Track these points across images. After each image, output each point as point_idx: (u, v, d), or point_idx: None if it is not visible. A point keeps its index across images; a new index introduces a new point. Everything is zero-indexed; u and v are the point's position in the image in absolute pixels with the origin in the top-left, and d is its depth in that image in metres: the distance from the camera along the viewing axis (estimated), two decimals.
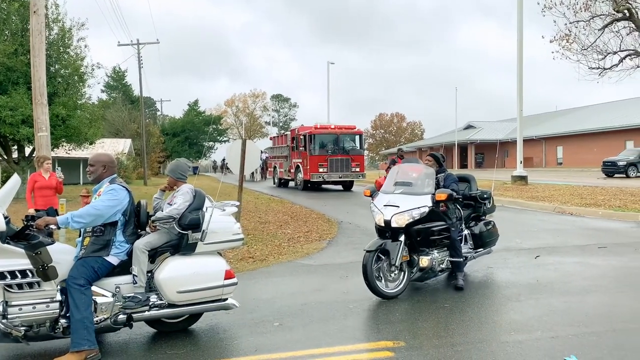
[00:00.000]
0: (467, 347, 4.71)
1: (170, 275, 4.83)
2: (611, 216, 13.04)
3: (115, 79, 64.96)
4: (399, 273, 6.36)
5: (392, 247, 6.29)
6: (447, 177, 7.01)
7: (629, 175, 28.26)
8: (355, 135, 25.14)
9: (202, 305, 5.02)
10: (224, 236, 5.20)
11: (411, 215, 6.32)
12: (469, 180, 7.89)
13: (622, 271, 7.66)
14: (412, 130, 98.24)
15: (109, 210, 4.65)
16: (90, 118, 24.15)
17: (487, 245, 7.58)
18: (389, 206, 6.45)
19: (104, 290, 4.66)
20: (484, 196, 7.54)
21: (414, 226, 6.35)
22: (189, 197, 5.20)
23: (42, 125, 11.37)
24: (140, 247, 4.75)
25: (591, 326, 5.19)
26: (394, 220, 6.31)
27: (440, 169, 7.13)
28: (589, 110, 53.68)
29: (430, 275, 6.71)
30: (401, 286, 6.36)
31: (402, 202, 6.43)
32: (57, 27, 22.71)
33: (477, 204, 7.53)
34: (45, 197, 9.32)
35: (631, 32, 20.79)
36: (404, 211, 6.33)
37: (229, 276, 5.10)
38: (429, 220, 6.48)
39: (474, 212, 7.55)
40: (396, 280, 6.36)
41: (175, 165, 5.53)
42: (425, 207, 6.40)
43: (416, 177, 6.86)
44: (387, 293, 6.24)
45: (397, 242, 6.31)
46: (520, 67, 23.64)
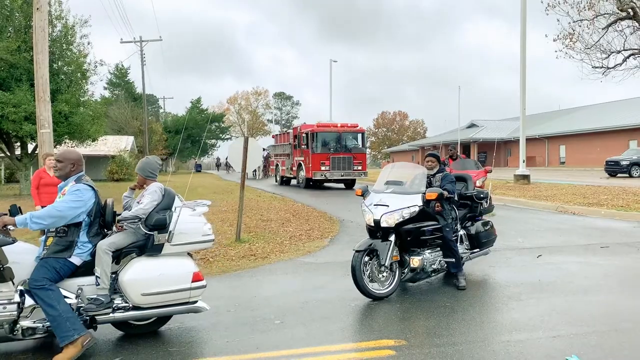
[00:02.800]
0: (469, 346, 4.71)
1: (135, 277, 4.69)
2: (614, 216, 13.01)
3: (118, 76, 65.07)
4: (389, 273, 6.29)
5: (381, 247, 6.22)
6: (444, 177, 6.93)
7: (632, 175, 28.19)
8: (358, 133, 25.16)
9: (169, 308, 4.87)
10: (192, 237, 5.04)
11: (401, 214, 6.25)
12: (465, 180, 7.85)
13: (624, 271, 7.65)
14: (415, 129, 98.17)
15: (72, 212, 4.52)
16: (93, 115, 24.17)
17: (484, 245, 7.48)
18: (379, 205, 6.38)
19: (67, 291, 4.53)
20: (481, 196, 7.46)
21: (404, 226, 6.29)
22: (157, 196, 5.04)
23: (45, 122, 11.39)
24: (103, 247, 4.59)
25: (593, 326, 5.18)
26: (383, 220, 6.24)
27: (440, 169, 7.08)
28: (592, 109, 53.55)
29: (422, 276, 6.62)
30: (391, 287, 6.28)
31: (392, 201, 6.36)
32: (60, 24, 22.73)
33: (474, 204, 7.45)
34: (50, 194, 9.32)
35: (635, 31, 20.73)
36: (394, 210, 6.26)
37: (196, 279, 4.95)
38: (419, 220, 6.41)
39: (470, 212, 7.46)
40: (386, 280, 6.29)
41: (144, 163, 5.34)
42: (415, 206, 6.33)
43: (406, 176, 6.84)
44: (377, 294, 6.16)
45: (387, 242, 6.24)
46: (523, 66, 23.58)
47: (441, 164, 7.16)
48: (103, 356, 4.63)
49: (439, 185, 6.77)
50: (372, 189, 6.85)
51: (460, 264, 6.77)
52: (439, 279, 7.16)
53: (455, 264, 6.70)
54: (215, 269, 8.26)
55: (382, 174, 7.17)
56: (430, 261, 6.51)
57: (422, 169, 6.90)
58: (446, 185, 6.73)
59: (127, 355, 4.64)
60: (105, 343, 4.95)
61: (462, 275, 6.77)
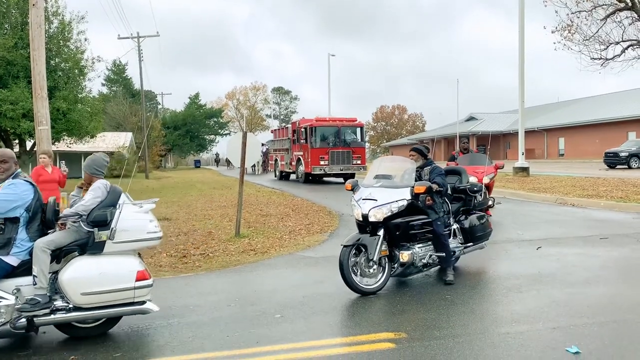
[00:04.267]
0: (468, 338, 4.72)
1: (74, 276, 4.56)
2: (613, 207, 13.01)
3: (115, 73, 64.96)
4: (378, 268, 6.21)
5: (369, 241, 6.14)
6: (432, 169, 6.80)
7: (631, 167, 28.20)
8: (357, 127, 25.11)
9: (114, 309, 4.72)
10: (136, 235, 4.87)
11: (389, 208, 6.17)
12: (459, 173, 7.74)
13: (623, 262, 7.66)
14: (414, 123, 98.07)
15: (5, 205, 4.45)
16: (91, 112, 24.07)
17: (478, 240, 7.31)
18: (368, 200, 6.30)
19: (3, 292, 4.42)
20: (474, 189, 7.33)
21: (392, 220, 6.20)
22: (100, 192, 4.90)
23: (43, 118, 11.35)
24: (40, 245, 4.47)
25: (592, 317, 5.19)
26: (371, 214, 6.17)
27: (426, 162, 6.92)
28: (590, 101, 53.51)
29: (413, 271, 6.53)
30: (380, 282, 6.20)
31: (381, 195, 6.28)
32: (57, 20, 22.60)
33: (468, 198, 7.32)
34: (49, 191, 9.30)
35: (634, 22, 20.65)
36: (382, 205, 6.18)
37: (141, 277, 4.77)
38: (409, 214, 6.32)
39: (463, 206, 7.33)
40: (375, 275, 6.20)
41: (91, 160, 5.24)
42: (403, 200, 6.24)
43: (396, 170, 6.72)
44: (365, 289, 6.07)
45: (376, 236, 6.16)
46: (521, 59, 23.53)
47: (427, 158, 6.97)
48: (108, 344, 4.63)
49: (428, 179, 6.65)
50: (361, 184, 6.76)
51: (450, 259, 6.65)
52: (439, 272, 7.15)
53: (446, 258, 6.58)
54: (215, 264, 8.26)
55: (372, 168, 7.09)
56: (420, 256, 6.40)
57: (412, 163, 6.79)
58: (435, 178, 6.62)
59: (128, 351, 4.64)
60: (107, 334, 4.95)
61: (451, 270, 6.67)
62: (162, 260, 8.57)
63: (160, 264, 8.29)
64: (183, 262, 8.47)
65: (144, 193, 22.49)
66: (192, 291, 6.67)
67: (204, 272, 7.80)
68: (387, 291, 6.32)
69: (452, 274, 6.63)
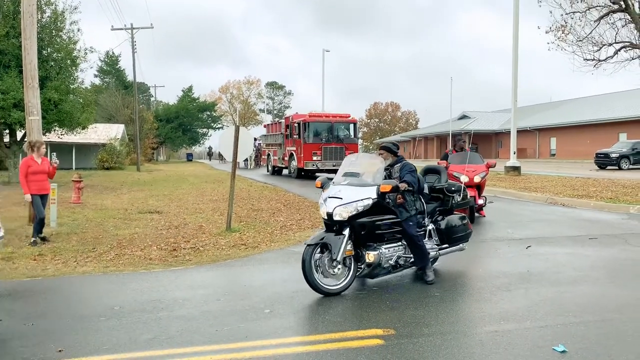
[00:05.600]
0: (457, 335, 4.74)
1: None
2: (603, 208, 13.11)
3: (108, 64, 64.46)
4: (342, 268, 6.05)
5: (334, 241, 5.97)
6: (402, 167, 6.58)
7: (621, 168, 28.43)
8: (350, 123, 25.15)
9: None
10: None
11: (355, 207, 5.99)
12: (439, 172, 7.54)
13: (612, 262, 7.72)
14: (407, 120, 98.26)
15: None
16: (83, 103, 23.88)
17: (455, 241, 7.06)
18: (334, 198, 6.13)
19: None
20: (452, 189, 7.10)
21: (358, 219, 6.02)
22: None
23: (34, 109, 11.27)
24: None
25: (580, 316, 5.23)
26: (336, 213, 6.01)
27: (397, 160, 6.72)
28: (583, 102, 53.80)
29: (381, 272, 6.30)
30: (344, 282, 6.06)
31: (347, 193, 6.11)
32: (50, 9, 22.37)
33: (445, 197, 7.08)
34: (38, 182, 9.28)
35: (627, 24, 20.72)
36: (347, 203, 6.01)
37: None
38: (378, 213, 6.15)
39: (441, 206, 7.10)
40: (339, 276, 6.04)
41: None
42: (369, 199, 6.06)
43: (365, 167, 6.55)
44: (327, 289, 5.93)
45: (341, 235, 5.99)
46: (515, 58, 23.62)
47: (397, 155, 6.78)
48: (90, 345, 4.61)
49: (398, 177, 6.47)
50: (332, 181, 6.58)
51: (426, 259, 6.48)
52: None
53: (421, 258, 6.41)
54: (205, 258, 8.25)
55: (343, 165, 6.90)
56: (387, 256, 6.20)
57: (381, 161, 6.63)
58: (405, 177, 6.40)
59: (116, 344, 4.62)
60: (86, 331, 4.92)
61: (431, 270, 6.53)
62: (153, 253, 8.54)
63: (151, 257, 8.26)
64: (173, 255, 8.44)
65: (135, 185, 22.39)
66: (181, 285, 6.65)
67: (194, 265, 7.78)
68: (376, 288, 6.34)
69: (432, 274, 6.51)
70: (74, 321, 5.25)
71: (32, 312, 5.55)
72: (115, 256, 8.40)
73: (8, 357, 4.33)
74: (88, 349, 4.49)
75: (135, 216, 12.75)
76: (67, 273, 7.39)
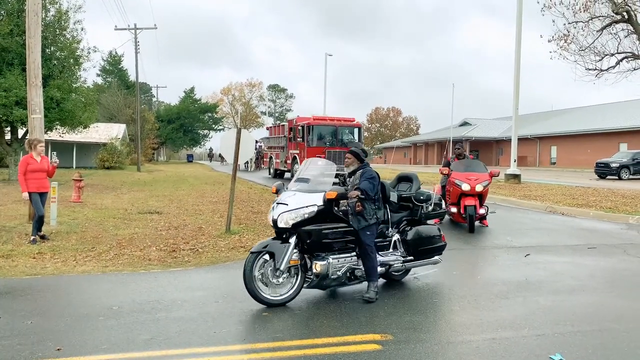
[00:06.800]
0: (454, 342, 4.75)
1: None
2: (602, 217, 13.12)
3: (111, 64, 64.52)
4: (287, 278, 5.81)
5: (278, 249, 5.73)
6: (362, 173, 6.22)
7: (621, 177, 28.45)
8: (354, 128, 24.85)
9: None
10: None
11: (300, 214, 5.75)
12: (411, 180, 7.14)
13: (610, 272, 7.73)
14: (408, 125, 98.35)
15: None
16: (85, 102, 23.93)
17: (422, 254, 6.69)
18: (280, 204, 5.92)
19: None
20: (421, 198, 6.74)
21: (304, 227, 5.77)
22: None
23: (36, 107, 11.30)
24: None
25: (578, 325, 5.24)
26: (280, 220, 5.79)
27: (360, 166, 6.36)
28: (584, 111, 53.88)
29: (332, 284, 5.97)
30: (289, 293, 5.79)
31: (293, 200, 5.87)
32: (54, 8, 22.46)
33: (414, 207, 6.75)
34: (37, 180, 9.29)
35: (629, 35, 20.80)
36: (292, 210, 5.77)
37: None
38: (326, 221, 5.88)
39: (409, 216, 6.77)
40: (284, 285, 5.80)
41: None
42: (314, 206, 5.78)
43: (315, 173, 6.31)
44: (269, 300, 5.69)
45: (286, 244, 5.76)
46: (517, 67, 23.66)
47: (363, 161, 6.42)
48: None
49: (358, 183, 6.14)
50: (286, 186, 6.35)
51: (374, 273, 6.07)
52: (426, 276, 7.18)
53: (368, 270, 6.06)
54: (204, 259, 8.26)
55: (299, 169, 6.66)
56: (336, 267, 5.87)
57: (331, 165, 6.45)
58: (362, 184, 6.07)
59: (115, 344, 4.63)
60: (88, 331, 4.93)
61: (374, 287, 6.06)
62: (152, 254, 8.55)
63: (150, 258, 8.27)
64: (172, 256, 8.45)
65: (135, 185, 22.40)
66: (180, 286, 6.66)
67: (193, 267, 7.79)
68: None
69: (375, 293, 6.01)
70: (72, 320, 5.26)
71: (31, 311, 5.56)
72: (115, 256, 8.40)
73: (7, 355, 4.33)
74: (86, 348, 4.50)
75: (135, 216, 12.76)
76: (67, 272, 7.40)
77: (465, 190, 10.72)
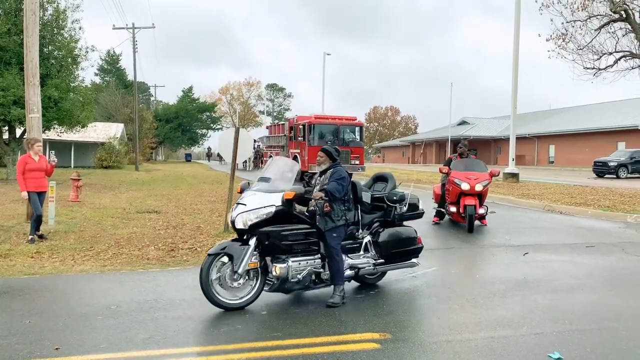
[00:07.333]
0: (452, 341, 4.75)
1: None
2: (600, 216, 13.13)
3: (109, 63, 64.43)
4: (246, 281, 5.61)
5: (237, 251, 5.54)
6: (332, 173, 5.99)
7: (619, 176, 28.49)
8: (356, 127, 24.54)
9: None
10: None
11: (258, 215, 5.55)
12: (386, 180, 6.86)
13: (608, 271, 7.73)
14: (406, 124, 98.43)
15: None
16: (83, 101, 23.90)
17: (395, 257, 6.41)
18: (240, 204, 5.73)
19: None
20: (394, 198, 6.46)
21: (263, 228, 5.56)
22: None
23: (34, 106, 11.28)
24: None
25: (576, 324, 5.24)
26: (238, 221, 5.62)
27: (332, 165, 6.14)
28: (582, 110, 53.96)
29: (295, 287, 5.73)
30: (247, 297, 5.59)
31: (252, 200, 5.68)
32: (52, 7, 22.42)
33: (388, 207, 6.48)
34: (35, 180, 9.27)
35: (627, 34, 20.81)
36: (249, 210, 5.58)
37: None
38: (284, 222, 5.66)
39: (382, 217, 6.49)
40: (243, 288, 5.60)
41: None
42: (272, 206, 5.58)
43: (277, 172, 6.11)
44: (226, 303, 5.51)
45: (246, 246, 5.58)
46: (515, 66, 23.68)
47: (335, 160, 6.17)
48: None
49: (327, 183, 5.92)
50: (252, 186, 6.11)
51: (340, 277, 5.84)
52: (425, 275, 7.19)
53: (334, 273, 5.83)
54: (203, 258, 8.22)
55: (263, 168, 6.50)
56: (297, 270, 5.63)
57: (293, 164, 6.30)
58: (330, 184, 5.85)
59: (113, 343, 4.62)
60: (85, 330, 4.92)
61: (340, 292, 5.82)
62: (150, 253, 8.54)
63: (148, 257, 8.26)
64: (171, 255, 8.44)
65: (133, 185, 22.37)
66: (179, 285, 6.66)
67: (192, 266, 7.77)
68: (373, 292, 6.34)
69: (340, 298, 5.78)
70: (70, 319, 5.25)
71: (29, 310, 5.55)
72: (113, 255, 8.40)
73: (5, 354, 4.33)
74: (85, 348, 4.49)
75: (134, 215, 12.74)
76: (65, 271, 7.39)
77: (464, 190, 10.69)
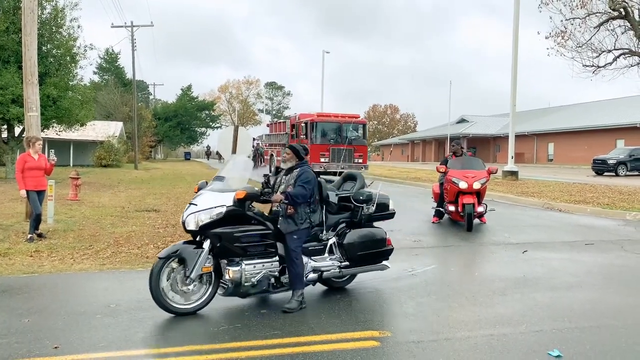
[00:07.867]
0: (452, 338, 4.75)
1: None
2: (599, 214, 13.14)
3: (108, 61, 64.34)
4: (198, 285, 5.41)
5: (190, 254, 5.30)
6: (299, 175, 5.76)
7: (618, 174, 28.49)
8: (359, 125, 24.07)
9: None
10: None
11: (209, 215, 5.33)
12: (355, 179, 6.66)
13: (608, 268, 7.74)
14: (405, 122, 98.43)
15: None
16: (82, 99, 23.87)
17: (362, 260, 6.14)
18: (192, 204, 5.52)
19: None
20: (360, 198, 6.19)
21: (214, 229, 5.35)
22: None
23: (33, 105, 11.26)
24: None
25: (575, 321, 5.25)
26: (188, 222, 5.42)
27: (299, 164, 5.93)
28: (581, 108, 53.95)
29: (251, 291, 5.48)
30: (199, 302, 5.40)
31: (203, 200, 5.48)
32: (50, 6, 22.38)
33: (355, 208, 6.22)
34: (34, 178, 9.26)
35: (626, 31, 20.82)
36: (199, 211, 5.37)
37: None
38: (239, 223, 5.44)
39: (348, 218, 6.25)
40: (193, 294, 5.39)
41: None
42: (223, 207, 5.33)
43: (232, 171, 5.95)
44: (177, 308, 5.29)
45: (199, 249, 5.34)
46: (515, 64, 23.66)
47: (302, 159, 5.96)
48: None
49: (292, 184, 5.74)
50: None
51: (298, 281, 5.60)
52: (424, 273, 7.19)
53: (294, 279, 5.60)
54: None
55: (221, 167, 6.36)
56: (251, 273, 5.40)
57: (250, 164, 6.22)
58: (296, 188, 5.65)
59: (112, 342, 4.62)
60: (83, 328, 4.92)
61: (298, 297, 5.58)
62: (149, 251, 8.54)
63: (147, 256, 8.25)
64: None
65: (132, 183, 22.36)
66: None
67: None
68: (373, 290, 6.34)
69: (297, 303, 5.54)
70: (70, 318, 5.25)
71: (28, 309, 5.54)
72: (112, 254, 8.39)
73: (4, 353, 4.32)
74: (84, 346, 4.49)
75: (133, 214, 12.73)
76: (64, 270, 7.38)
77: (462, 188, 10.66)
